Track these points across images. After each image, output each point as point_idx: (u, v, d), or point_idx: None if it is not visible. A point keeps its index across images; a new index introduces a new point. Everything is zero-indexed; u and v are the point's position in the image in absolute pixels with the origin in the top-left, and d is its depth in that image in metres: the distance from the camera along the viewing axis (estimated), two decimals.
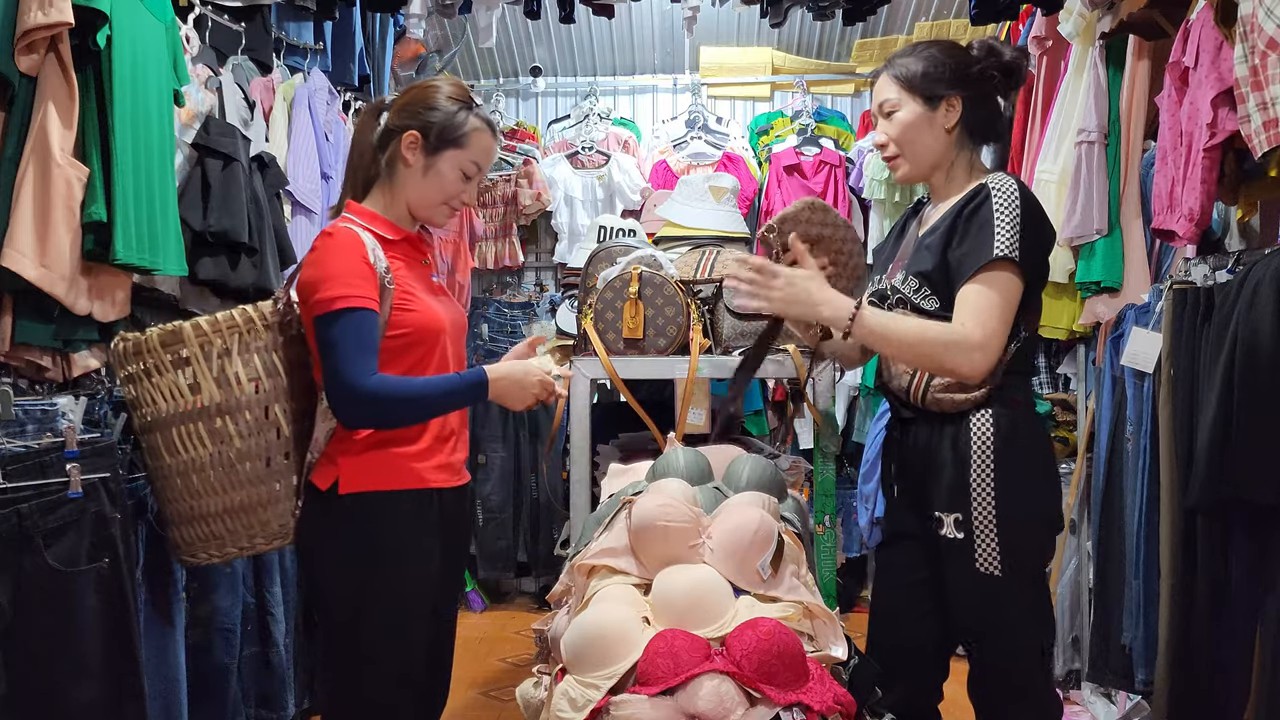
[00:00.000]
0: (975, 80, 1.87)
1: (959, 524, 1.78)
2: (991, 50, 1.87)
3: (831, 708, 1.42)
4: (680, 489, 1.81)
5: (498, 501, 4.56)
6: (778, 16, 3.68)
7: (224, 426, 1.82)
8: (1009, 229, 1.74)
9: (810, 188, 4.52)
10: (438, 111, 1.85)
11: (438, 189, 1.86)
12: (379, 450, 1.79)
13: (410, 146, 1.84)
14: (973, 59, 1.87)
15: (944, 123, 1.87)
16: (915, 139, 1.88)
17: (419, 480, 1.82)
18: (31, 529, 1.84)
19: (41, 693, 1.85)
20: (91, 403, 2.24)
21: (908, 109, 1.87)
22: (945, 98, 1.86)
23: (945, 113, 1.86)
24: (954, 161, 1.90)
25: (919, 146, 1.88)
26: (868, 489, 4.31)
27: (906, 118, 1.87)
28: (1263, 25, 1.87)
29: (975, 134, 1.91)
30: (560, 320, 3.02)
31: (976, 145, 1.92)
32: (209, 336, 1.80)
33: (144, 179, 2.32)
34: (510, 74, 5.10)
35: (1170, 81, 2.40)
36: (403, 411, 1.77)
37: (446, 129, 1.84)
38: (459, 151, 1.86)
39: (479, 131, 1.87)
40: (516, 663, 3.75)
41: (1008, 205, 1.76)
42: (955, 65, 1.86)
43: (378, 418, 1.76)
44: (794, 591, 1.66)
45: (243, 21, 3.15)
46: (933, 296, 1.81)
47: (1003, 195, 1.77)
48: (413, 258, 1.89)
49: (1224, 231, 2.73)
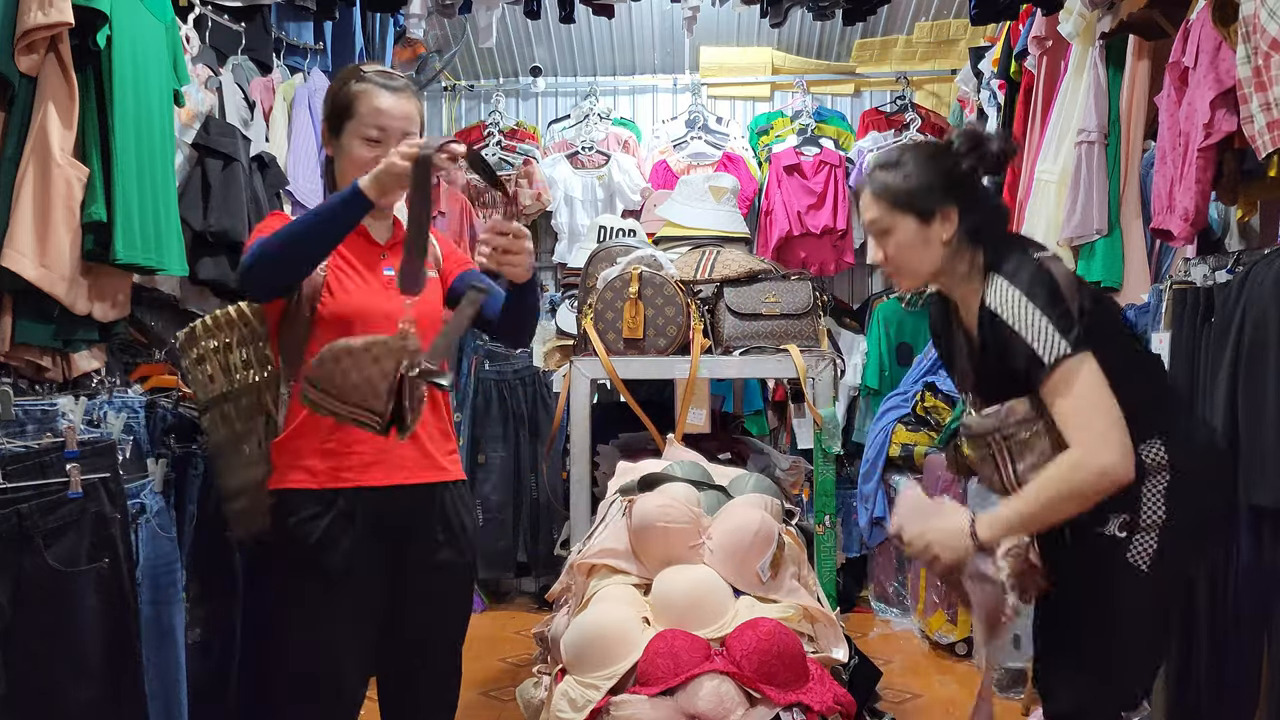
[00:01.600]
0: (964, 183, 1.77)
1: (1124, 525, 1.69)
2: (976, 142, 1.76)
3: (831, 708, 1.42)
4: (682, 490, 1.81)
5: (498, 501, 4.55)
6: (778, 16, 3.68)
7: (229, 411, 1.96)
8: (1041, 332, 1.63)
9: (810, 188, 4.52)
10: (331, 95, 1.85)
11: (352, 166, 1.81)
12: (292, 446, 1.79)
13: (326, 139, 1.86)
14: (957, 158, 1.76)
15: (940, 235, 1.76)
16: (912, 257, 1.78)
17: (326, 480, 1.77)
18: (31, 529, 1.84)
19: (41, 693, 1.84)
20: (91, 403, 2.24)
21: (901, 229, 1.77)
22: (938, 210, 1.75)
23: (941, 224, 1.76)
24: (955, 266, 1.79)
25: (916, 262, 1.79)
26: (868, 489, 4.32)
27: (901, 238, 1.77)
28: (1265, 26, 1.87)
29: (975, 237, 1.78)
30: (560, 320, 3.02)
31: (978, 245, 1.79)
32: (213, 332, 1.95)
33: (144, 179, 2.31)
34: (510, 74, 5.10)
35: (1170, 81, 2.40)
36: (275, 253, 1.69)
37: (335, 106, 1.83)
38: (352, 121, 1.81)
39: (364, 95, 1.81)
40: (516, 663, 3.75)
41: (1023, 314, 1.65)
42: (940, 174, 1.76)
43: (256, 269, 1.70)
44: (794, 594, 1.66)
45: (243, 21, 3.15)
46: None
47: (1011, 309, 1.66)
48: (363, 248, 1.85)
49: (1224, 231, 2.73)
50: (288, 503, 1.78)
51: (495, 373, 4.58)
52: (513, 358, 4.58)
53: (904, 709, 3.22)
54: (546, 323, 4.41)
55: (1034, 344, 1.63)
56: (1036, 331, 1.63)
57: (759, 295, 2.58)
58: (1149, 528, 1.69)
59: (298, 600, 1.78)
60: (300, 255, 1.73)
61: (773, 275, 2.64)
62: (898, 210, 1.76)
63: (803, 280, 2.64)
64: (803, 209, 4.50)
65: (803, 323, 2.54)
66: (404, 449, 1.81)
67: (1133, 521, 1.70)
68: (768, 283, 2.61)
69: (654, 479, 1.88)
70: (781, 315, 2.56)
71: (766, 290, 2.59)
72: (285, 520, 1.78)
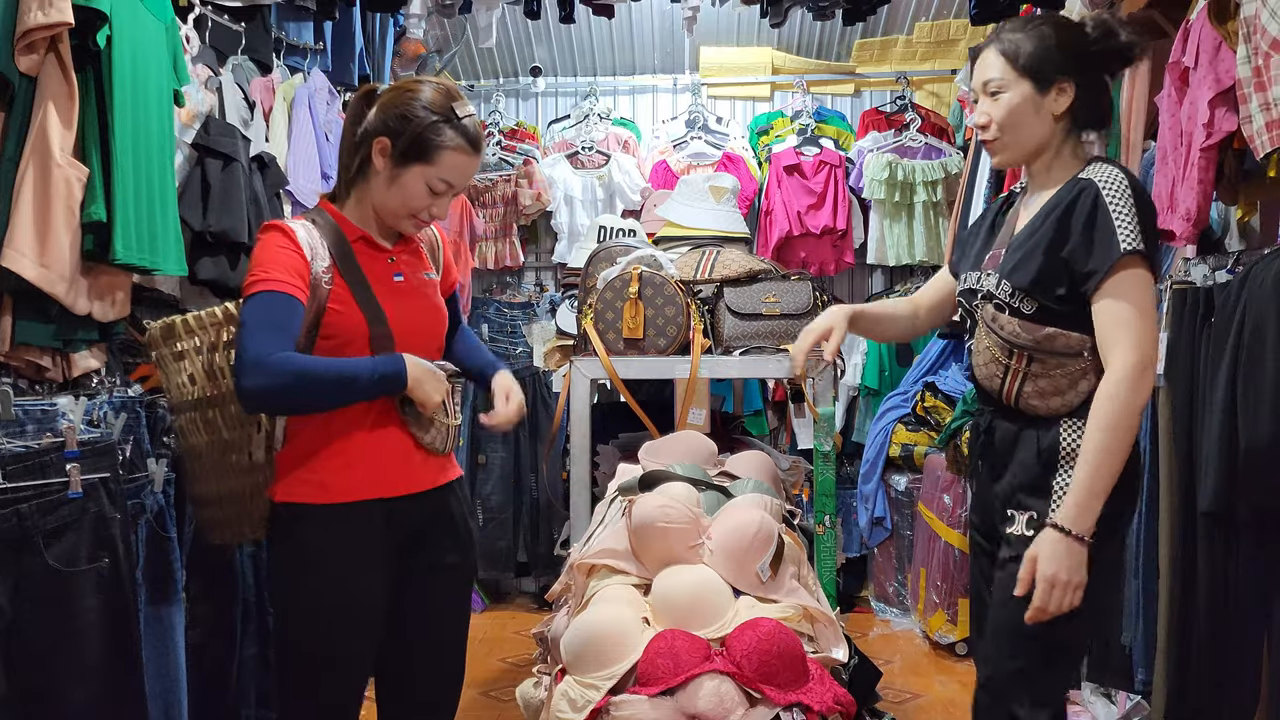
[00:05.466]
0: (1090, 64, 1.73)
1: (1031, 522, 1.70)
2: (1108, 30, 1.73)
3: (831, 708, 1.42)
4: (682, 490, 1.81)
5: (498, 501, 4.55)
6: (778, 16, 3.68)
7: (214, 417, 1.88)
8: (1129, 222, 1.62)
9: (810, 188, 4.52)
10: (410, 121, 1.73)
11: (400, 200, 1.76)
12: (304, 460, 1.77)
13: (380, 152, 1.75)
14: (1089, 39, 1.73)
15: (1053, 108, 1.73)
16: (1020, 123, 1.74)
17: (339, 494, 1.76)
18: (31, 529, 1.84)
19: (41, 693, 1.84)
20: (91, 403, 2.24)
21: (1015, 90, 1.73)
22: (1057, 81, 1.72)
23: (1056, 98, 1.72)
24: (1058, 149, 1.77)
25: (1024, 132, 1.74)
26: (868, 489, 4.32)
27: (1014, 100, 1.73)
28: (1266, 26, 1.87)
29: (1082, 120, 1.76)
30: (560, 320, 3.02)
31: (1082, 131, 1.78)
32: (195, 331, 1.87)
33: (144, 179, 2.31)
34: (510, 74, 5.10)
35: (1170, 81, 2.40)
36: (294, 389, 1.65)
37: (416, 142, 1.73)
38: (426, 167, 1.74)
39: (453, 150, 1.74)
40: (516, 663, 3.75)
41: (1121, 198, 1.64)
42: (1071, 46, 1.72)
43: (268, 394, 1.64)
44: (794, 594, 1.66)
45: (243, 21, 3.15)
46: (1030, 300, 1.71)
47: (1113, 188, 1.65)
48: (371, 256, 1.81)
49: (1224, 231, 2.73)
50: (301, 516, 1.77)
51: None
52: (512, 358, 4.58)
53: (904, 709, 3.22)
54: (546, 323, 4.42)
55: (1119, 229, 1.62)
56: (1126, 220, 1.63)
57: (759, 295, 2.58)
58: None
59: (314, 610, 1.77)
60: (316, 406, 1.73)
61: (773, 275, 2.64)
62: (1018, 72, 1.73)
63: (803, 280, 2.64)
64: (803, 209, 4.50)
65: (803, 323, 2.53)
66: (418, 457, 1.82)
67: (1039, 520, 1.69)
68: (768, 283, 2.61)
69: (654, 479, 1.88)
70: (781, 315, 2.57)
71: (766, 290, 2.59)
72: (299, 534, 1.77)
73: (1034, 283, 1.70)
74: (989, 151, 1.82)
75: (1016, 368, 1.74)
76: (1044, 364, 1.71)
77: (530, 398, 4.59)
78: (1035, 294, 1.70)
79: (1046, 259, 1.69)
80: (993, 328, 1.77)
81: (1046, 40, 1.73)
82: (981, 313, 1.80)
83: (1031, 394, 1.73)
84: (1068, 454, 1.69)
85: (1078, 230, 1.66)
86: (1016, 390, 1.75)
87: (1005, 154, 1.79)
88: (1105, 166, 1.70)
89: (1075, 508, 1.62)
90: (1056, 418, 1.72)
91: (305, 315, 1.71)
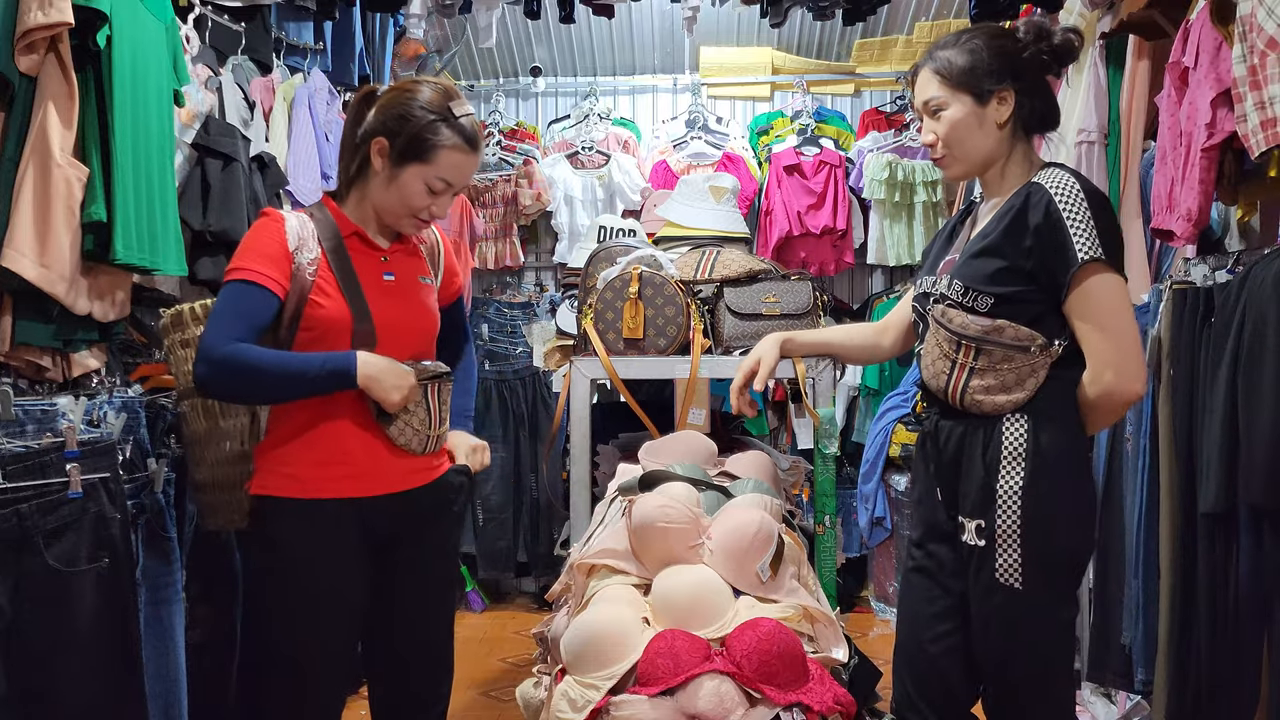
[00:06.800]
0: (1026, 69, 1.75)
1: (980, 530, 1.69)
2: (1040, 32, 1.74)
3: (831, 708, 1.42)
4: (682, 490, 1.81)
5: (498, 501, 4.55)
6: (778, 16, 3.68)
7: (213, 405, 2.01)
8: (1084, 229, 1.63)
9: (810, 188, 4.52)
10: (408, 121, 1.74)
11: (399, 200, 1.78)
12: (279, 453, 1.78)
13: (378, 153, 1.77)
14: (1021, 45, 1.75)
15: (996, 118, 1.74)
16: (965, 137, 1.75)
17: (312, 490, 1.76)
18: (31, 529, 1.84)
19: (41, 693, 1.84)
20: (91, 403, 2.24)
21: (955, 106, 1.74)
22: (996, 91, 1.73)
23: (997, 107, 1.74)
24: (1008, 157, 1.78)
25: (970, 145, 1.76)
26: (868, 489, 4.32)
27: (955, 116, 1.74)
28: (1262, 25, 1.87)
29: (1029, 125, 1.78)
30: (560, 320, 3.01)
31: (1031, 137, 1.80)
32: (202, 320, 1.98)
33: (144, 179, 2.31)
34: (510, 74, 5.10)
35: (1170, 81, 2.40)
36: (241, 378, 1.68)
37: (413, 141, 1.74)
38: (424, 166, 1.75)
39: (450, 149, 1.75)
40: (516, 663, 3.75)
41: (1075, 204, 1.64)
42: (1004, 54, 1.73)
43: (212, 381, 1.69)
44: (794, 594, 1.66)
45: (243, 21, 3.15)
46: (983, 298, 1.71)
47: (1066, 195, 1.65)
48: (363, 253, 1.82)
49: (1224, 231, 2.73)
50: (274, 510, 1.77)
51: (495, 373, 4.58)
52: (512, 358, 4.58)
53: None
54: (546, 323, 4.42)
55: (1074, 237, 1.63)
56: (1081, 227, 1.63)
57: (759, 295, 2.58)
58: (1007, 537, 1.67)
59: (281, 605, 1.78)
60: (263, 396, 1.79)
61: (773, 275, 2.64)
62: (954, 88, 1.74)
63: (803, 280, 2.64)
64: (803, 209, 4.50)
65: (803, 323, 2.53)
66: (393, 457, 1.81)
67: (989, 529, 1.69)
68: (768, 283, 2.61)
69: (654, 479, 1.88)
70: (781, 315, 2.56)
71: (766, 290, 2.59)
72: (270, 527, 1.78)
73: (986, 279, 1.70)
74: (940, 168, 1.84)
75: (963, 362, 1.73)
76: (990, 356, 1.70)
77: (530, 398, 4.59)
78: (985, 290, 1.70)
79: (997, 258, 1.70)
80: (941, 322, 1.76)
81: (978, 53, 1.74)
82: (932, 313, 1.80)
83: (977, 389, 1.72)
84: (1010, 454, 1.68)
85: (1032, 237, 1.67)
86: (962, 386, 1.73)
87: (956, 168, 1.81)
88: (1057, 171, 1.71)
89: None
90: (1000, 415, 1.71)
91: (287, 306, 1.74)
